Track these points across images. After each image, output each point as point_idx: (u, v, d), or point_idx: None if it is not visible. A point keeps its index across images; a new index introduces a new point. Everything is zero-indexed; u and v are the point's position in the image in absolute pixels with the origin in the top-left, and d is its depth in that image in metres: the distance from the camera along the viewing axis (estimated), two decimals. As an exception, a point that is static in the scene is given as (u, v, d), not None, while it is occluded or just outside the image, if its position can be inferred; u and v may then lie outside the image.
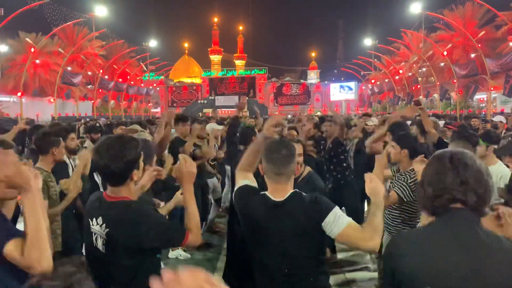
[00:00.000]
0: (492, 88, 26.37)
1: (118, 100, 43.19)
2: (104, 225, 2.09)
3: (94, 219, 2.15)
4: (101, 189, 5.36)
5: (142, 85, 52.40)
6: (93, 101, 36.73)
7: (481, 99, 34.20)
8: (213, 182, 6.92)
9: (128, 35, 56.67)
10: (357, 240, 2.13)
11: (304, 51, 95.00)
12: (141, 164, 2.19)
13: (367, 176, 2.25)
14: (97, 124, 11.75)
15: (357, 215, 5.21)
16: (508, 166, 3.79)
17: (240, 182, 2.47)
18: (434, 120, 5.78)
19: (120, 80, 43.42)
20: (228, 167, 8.18)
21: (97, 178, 5.47)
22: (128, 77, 46.43)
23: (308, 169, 3.76)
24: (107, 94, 39.99)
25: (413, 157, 3.44)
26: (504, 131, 7.16)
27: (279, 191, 2.26)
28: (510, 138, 3.51)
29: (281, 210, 2.22)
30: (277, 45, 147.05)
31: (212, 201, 7.19)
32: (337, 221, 2.12)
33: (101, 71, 37.86)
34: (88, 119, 21.78)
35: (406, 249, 1.54)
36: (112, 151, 2.05)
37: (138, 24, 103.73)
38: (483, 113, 26.65)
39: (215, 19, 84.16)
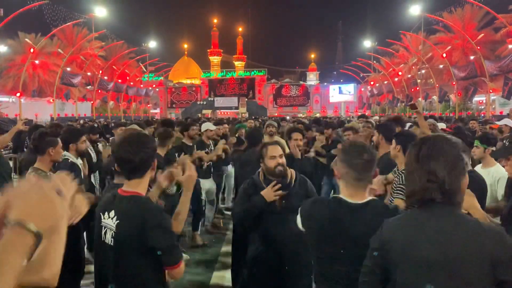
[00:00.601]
0: (491, 91, 26.43)
1: (117, 101, 43.26)
2: (115, 217, 2.19)
3: (106, 212, 2.24)
4: (97, 192, 5.37)
5: (142, 86, 52.42)
6: (92, 102, 36.76)
7: (480, 101, 34.24)
8: (208, 183, 6.91)
9: (128, 36, 56.74)
10: None
11: (304, 53, 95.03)
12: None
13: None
14: (96, 125, 11.78)
15: None
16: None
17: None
18: (432, 122, 5.90)
19: (120, 81, 43.41)
20: (230, 168, 8.20)
21: (94, 180, 5.45)
22: (128, 78, 46.45)
23: (293, 170, 3.60)
24: (107, 95, 40.02)
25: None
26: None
27: (357, 196, 2.14)
28: (505, 141, 3.52)
29: (359, 213, 2.10)
30: (276, 46, 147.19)
31: (207, 202, 7.16)
32: None
33: (100, 71, 37.85)
34: (87, 120, 21.79)
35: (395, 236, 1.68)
36: (134, 144, 2.23)
37: (137, 25, 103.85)
38: (482, 115, 26.68)
39: (215, 20, 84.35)
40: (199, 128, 7.22)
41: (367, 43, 48.54)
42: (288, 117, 21.59)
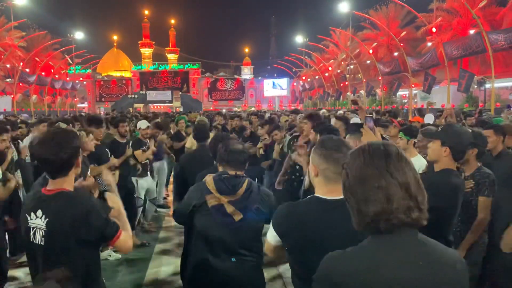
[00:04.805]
0: (413, 85, 28.12)
1: (41, 95, 40.62)
2: (43, 216, 2.14)
3: (32, 213, 2.18)
4: (21, 192, 5.04)
5: (68, 79, 49.74)
6: (12, 96, 34.26)
7: (404, 95, 36.33)
8: (147, 181, 6.71)
9: (52, 26, 53.27)
10: None
11: (238, 47, 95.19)
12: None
13: None
14: (18, 120, 10.98)
15: None
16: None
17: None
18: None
19: (43, 73, 40.89)
20: (161, 164, 8.01)
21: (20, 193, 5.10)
22: (52, 70, 43.80)
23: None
24: (29, 88, 37.48)
25: None
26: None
27: (336, 192, 1.97)
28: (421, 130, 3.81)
29: (338, 210, 1.94)
30: (210, 40, 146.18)
31: (148, 200, 6.97)
32: None
33: (21, 63, 35.38)
34: (7, 115, 20.27)
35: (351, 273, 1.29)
36: (55, 143, 2.14)
37: (62, 14, 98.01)
38: (405, 108, 28.34)
39: (146, 12, 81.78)
40: (133, 124, 6.92)
41: (299, 39, 49.74)
42: (224, 111, 21.52)
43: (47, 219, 2.13)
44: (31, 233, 2.17)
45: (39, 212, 2.15)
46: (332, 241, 1.89)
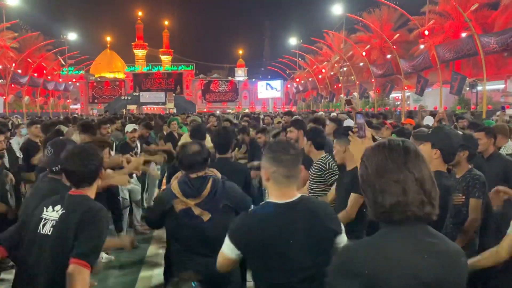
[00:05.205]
0: (406, 87, 28.29)
1: (33, 96, 40.35)
2: (61, 209, 2.31)
3: (51, 206, 2.35)
4: (9, 195, 4.99)
5: (60, 80, 49.47)
6: (4, 97, 33.98)
7: (396, 98, 36.51)
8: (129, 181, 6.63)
9: (44, 27, 52.90)
10: None
11: (232, 49, 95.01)
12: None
13: None
14: (10, 121, 10.92)
15: None
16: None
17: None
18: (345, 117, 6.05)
19: (36, 74, 40.61)
20: (152, 166, 7.97)
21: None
22: (45, 71, 43.57)
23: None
24: (21, 89, 37.20)
25: (318, 148, 4.00)
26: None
27: (288, 195, 2.04)
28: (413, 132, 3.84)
29: (294, 212, 2.00)
30: (204, 41, 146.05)
31: (132, 202, 6.90)
32: (343, 239, 2.11)
33: (13, 64, 35.14)
34: (-2, 116, 20.11)
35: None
36: (83, 157, 2.38)
37: (55, 15, 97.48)
38: (398, 110, 28.49)
39: (139, 13, 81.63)
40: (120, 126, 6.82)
41: (293, 41, 49.88)
42: (218, 112, 21.49)
43: (63, 211, 2.30)
44: (41, 224, 2.31)
45: (58, 207, 2.33)
46: (289, 244, 1.97)
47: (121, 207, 6.35)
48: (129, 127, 6.70)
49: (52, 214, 2.32)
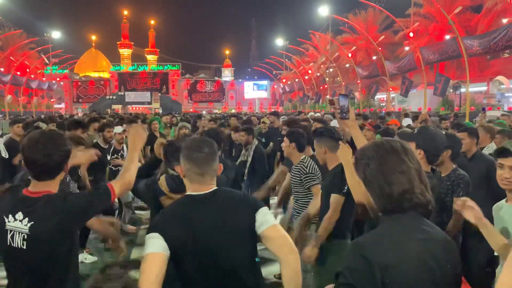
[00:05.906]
0: (391, 89, 28.58)
1: (16, 95, 39.69)
2: (26, 219, 2.03)
3: (10, 215, 2.06)
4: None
5: (44, 79, 48.82)
6: (-14, 96, 33.38)
7: (382, 99, 36.87)
8: None
9: (28, 25, 52.25)
10: (280, 247, 1.95)
11: (219, 49, 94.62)
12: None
13: None
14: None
15: None
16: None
17: None
18: (329, 117, 6.06)
19: (19, 73, 39.95)
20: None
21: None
22: (28, 70, 42.87)
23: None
24: (3, 88, 36.56)
25: (300, 150, 3.90)
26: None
27: (202, 189, 2.03)
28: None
29: (208, 204, 1.97)
30: (190, 41, 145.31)
31: (123, 204, 6.83)
32: (265, 218, 1.98)
33: (-5, 62, 34.54)
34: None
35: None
36: (52, 143, 2.08)
37: (39, 13, 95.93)
38: (383, 111, 28.77)
39: (125, 12, 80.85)
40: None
41: (280, 42, 50.03)
42: (204, 112, 21.41)
43: (31, 222, 2.02)
44: (9, 236, 2.06)
45: (19, 215, 2.04)
46: (207, 234, 1.92)
47: (112, 209, 6.29)
48: (118, 129, 6.56)
49: (16, 224, 2.05)
